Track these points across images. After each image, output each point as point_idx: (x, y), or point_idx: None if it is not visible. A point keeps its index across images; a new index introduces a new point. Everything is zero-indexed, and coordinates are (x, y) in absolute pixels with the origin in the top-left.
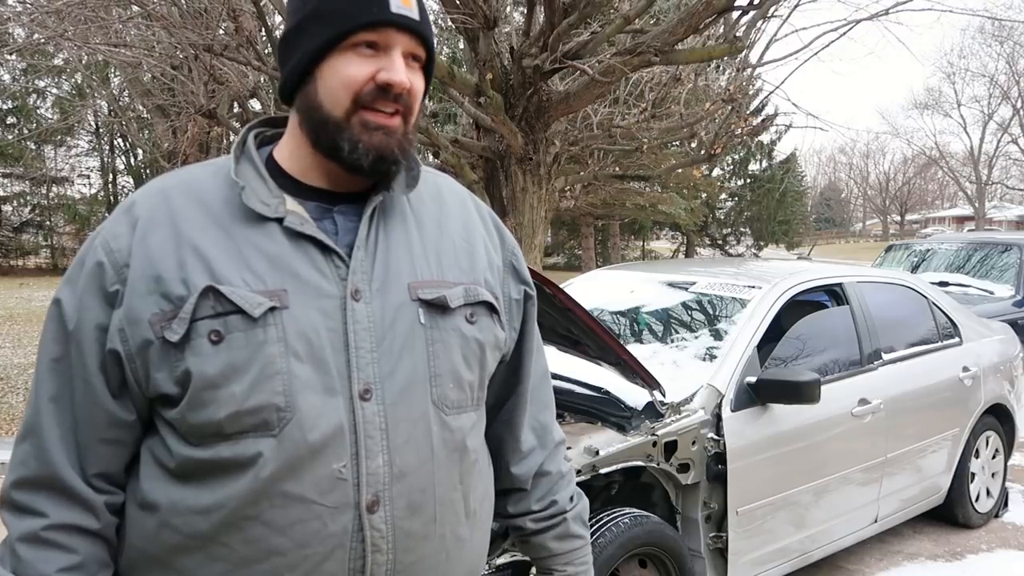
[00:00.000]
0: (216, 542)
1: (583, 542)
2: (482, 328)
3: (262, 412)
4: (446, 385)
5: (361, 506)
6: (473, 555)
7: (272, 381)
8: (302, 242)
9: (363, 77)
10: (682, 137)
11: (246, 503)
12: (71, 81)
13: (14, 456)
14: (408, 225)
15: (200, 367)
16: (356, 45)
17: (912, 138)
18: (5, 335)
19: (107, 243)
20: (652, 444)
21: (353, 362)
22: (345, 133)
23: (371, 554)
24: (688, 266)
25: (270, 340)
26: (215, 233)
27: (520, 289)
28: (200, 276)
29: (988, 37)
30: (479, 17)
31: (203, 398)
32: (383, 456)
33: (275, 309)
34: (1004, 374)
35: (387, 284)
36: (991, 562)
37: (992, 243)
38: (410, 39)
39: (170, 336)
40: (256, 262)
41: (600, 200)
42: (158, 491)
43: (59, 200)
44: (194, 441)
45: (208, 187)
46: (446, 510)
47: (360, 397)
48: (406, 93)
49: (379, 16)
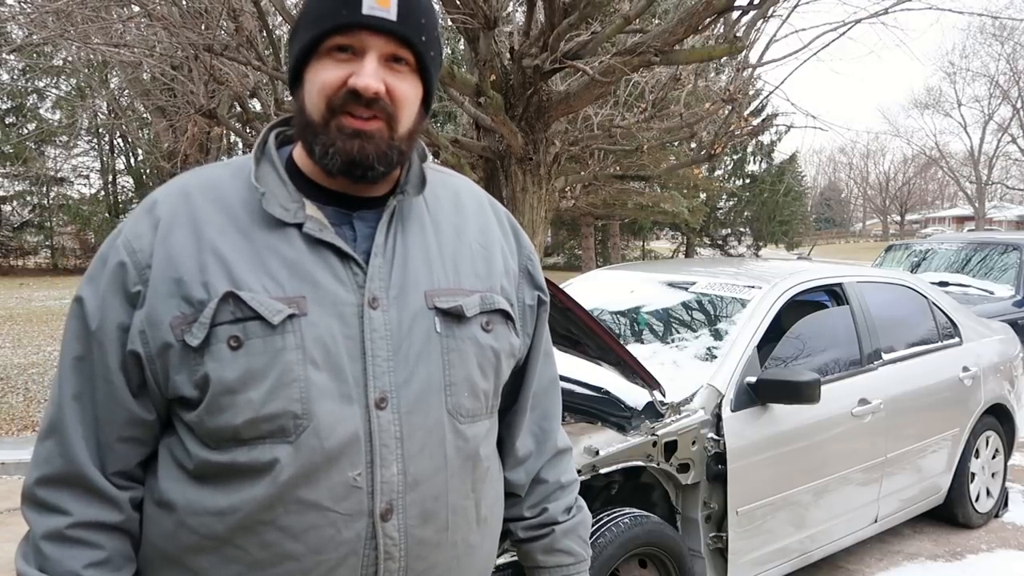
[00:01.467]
0: (231, 544)
1: (573, 559)
2: (498, 336)
3: (279, 419)
4: (461, 394)
5: (375, 514)
6: (483, 561)
7: (290, 388)
8: (321, 248)
9: (335, 83)
10: (682, 137)
11: (262, 508)
12: (69, 83)
13: (37, 454)
14: (426, 231)
15: (219, 372)
16: (331, 50)
17: (912, 138)
18: (5, 335)
19: (129, 243)
20: (652, 444)
21: (370, 370)
22: (320, 138)
23: (384, 561)
24: (688, 266)
25: (288, 347)
26: (235, 237)
27: (534, 295)
28: (221, 281)
29: (989, 37)
30: (479, 17)
31: (221, 403)
32: (397, 464)
33: (294, 316)
34: (1004, 374)
35: (404, 292)
36: (991, 562)
37: (992, 243)
38: (387, 41)
39: (190, 340)
40: (275, 268)
41: (600, 200)
42: (176, 491)
43: (59, 200)
44: (212, 445)
45: (228, 189)
46: (458, 518)
47: (376, 406)
48: (383, 98)
49: (348, 19)
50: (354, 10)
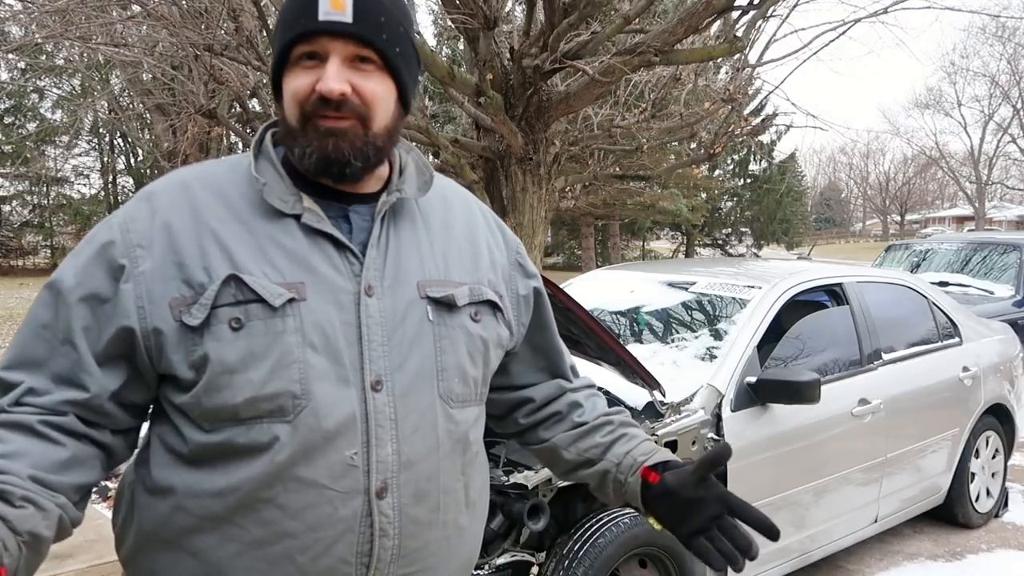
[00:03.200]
0: (231, 523)
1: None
2: (486, 326)
3: (278, 399)
4: (452, 379)
5: (371, 492)
6: (471, 544)
7: (289, 369)
8: (318, 239)
9: (305, 89)
10: (682, 137)
11: (261, 486)
12: (70, 83)
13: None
14: (417, 227)
15: (219, 352)
16: (300, 58)
17: (912, 138)
18: (5, 335)
19: (124, 224)
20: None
21: (366, 354)
22: (299, 140)
23: (378, 539)
24: (688, 266)
25: (288, 330)
26: (235, 226)
27: (528, 284)
28: (222, 265)
29: (990, 36)
30: (479, 17)
31: (220, 383)
32: (392, 445)
33: (293, 301)
34: (1004, 374)
35: (398, 281)
36: (991, 562)
37: (992, 243)
38: (346, 43)
39: (189, 320)
40: (275, 256)
41: (600, 200)
42: (171, 476)
43: (59, 200)
44: (207, 426)
45: (226, 182)
46: (449, 499)
47: (372, 388)
48: (350, 98)
49: (307, 26)
50: (311, 17)
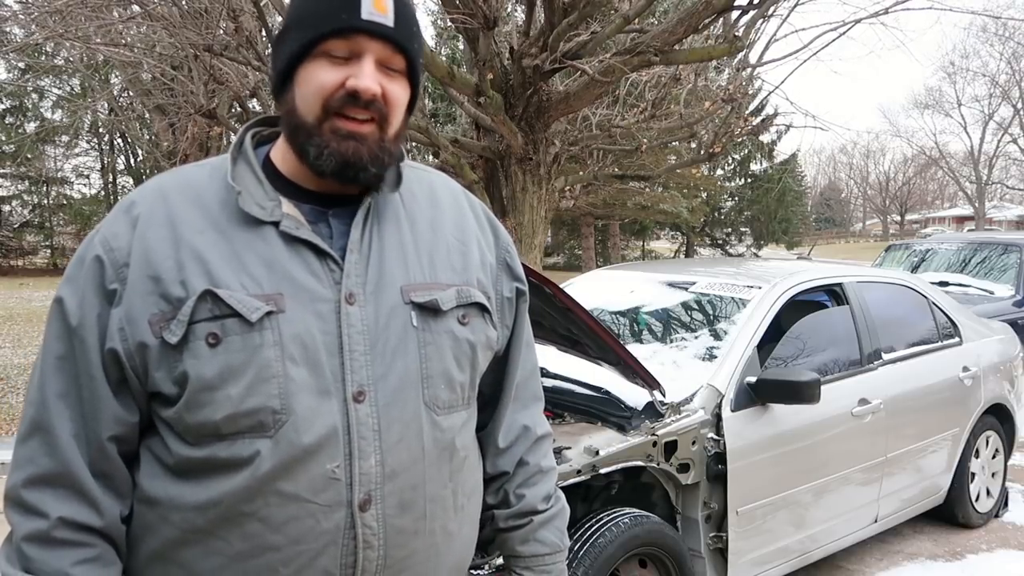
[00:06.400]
0: (214, 536)
1: (549, 550)
2: (474, 329)
3: (258, 414)
4: (438, 386)
5: (354, 504)
6: (461, 547)
7: (268, 384)
8: (297, 246)
9: (333, 84)
10: (682, 137)
11: (242, 500)
12: (70, 83)
13: (19, 455)
14: (401, 227)
15: (198, 369)
16: (328, 51)
17: (912, 138)
18: (5, 335)
19: (107, 241)
20: (652, 444)
21: (347, 365)
22: (314, 139)
23: (363, 550)
24: (688, 266)
25: (266, 344)
26: (213, 236)
27: (512, 287)
28: (198, 279)
29: (990, 36)
30: (479, 17)
31: (200, 399)
32: (375, 456)
33: (272, 313)
34: (1004, 374)
35: (380, 287)
36: (991, 562)
37: (992, 243)
38: (384, 47)
39: (169, 338)
40: (253, 266)
41: (600, 200)
42: (157, 487)
43: (59, 200)
44: (191, 440)
45: (206, 189)
46: (436, 506)
47: (354, 399)
48: (379, 100)
49: (348, 23)
50: (354, 14)
